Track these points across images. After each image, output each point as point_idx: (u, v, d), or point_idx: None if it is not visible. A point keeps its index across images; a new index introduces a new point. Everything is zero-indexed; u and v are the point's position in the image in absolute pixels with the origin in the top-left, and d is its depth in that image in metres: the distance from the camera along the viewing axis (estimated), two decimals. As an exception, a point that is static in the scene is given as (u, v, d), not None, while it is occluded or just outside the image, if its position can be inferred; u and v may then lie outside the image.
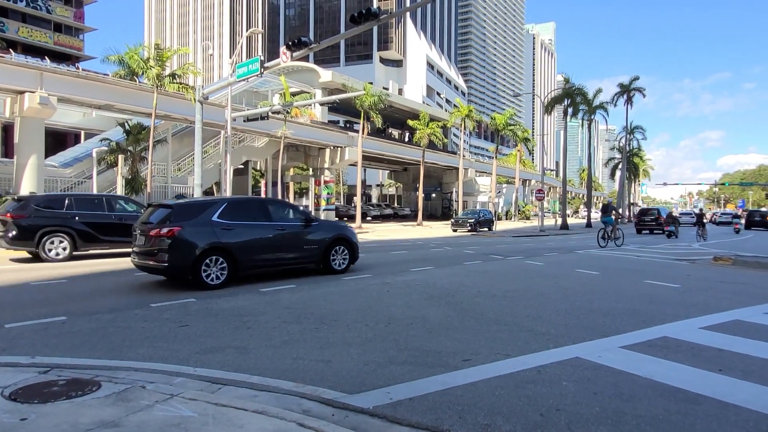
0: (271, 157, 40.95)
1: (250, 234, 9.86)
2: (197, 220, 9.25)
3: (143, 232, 9.16)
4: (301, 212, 11.63)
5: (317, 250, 10.97)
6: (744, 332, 6.09)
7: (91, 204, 14.74)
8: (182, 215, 9.25)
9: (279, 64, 18.95)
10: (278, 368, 4.63)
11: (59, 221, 13.43)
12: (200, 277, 8.89)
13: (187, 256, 8.79)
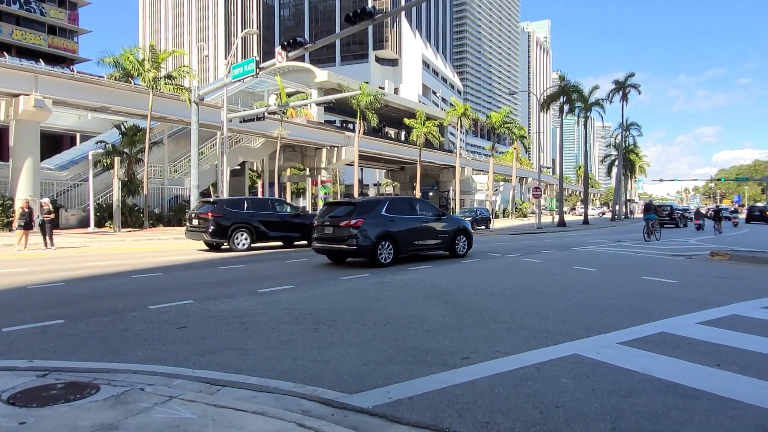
0: (267, 157, 40.93)
1: (407, 225, 12.78)
2: (373, 214, 12.18)
3: (332, 224, 12.20)
4: (436, 209, 14.49)
5: (447, 238, 13.91)
6: (741, 327, 6.11)
7: (262, 205, 18.54)
8: (362, 210, 12.21)
9: (275, 64, 18.93)
10: (277, 369, 4.63)
11: (243, 219, 16.84)
12: (377, 257, 11.98)
13: (369, 240, 11.81)
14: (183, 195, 33.91)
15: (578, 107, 42.87)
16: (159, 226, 30.22)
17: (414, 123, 44.38)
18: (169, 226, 30.85)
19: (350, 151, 41.64)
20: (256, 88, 45.27)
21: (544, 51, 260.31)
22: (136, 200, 30.10)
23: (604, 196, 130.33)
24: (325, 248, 12.58)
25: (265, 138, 37.91)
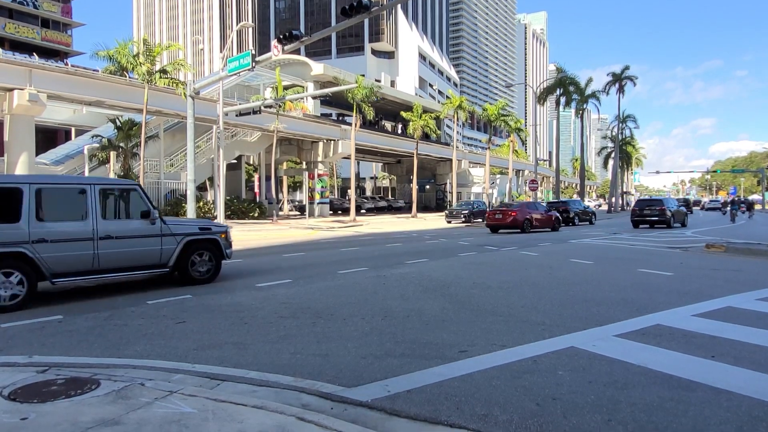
0: (264, 151, 40.83)
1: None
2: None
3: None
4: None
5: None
6: (736, 319, 6.17)
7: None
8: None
9: (270, 57, 18.83)
10: (276, 363, 4.66)
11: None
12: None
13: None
14: (179, 189, 33.81)
15: (575, 99, 42.89)
16: (156, 220, 30.12)
17: (410, 116, 44.28)
18: (166, 220, 30.74)
19: (347, 145, 41.54)
20: (252, 82, 45.04)
21: (541, 43, 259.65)
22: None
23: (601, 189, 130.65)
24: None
25: (262, 132, 37.79)
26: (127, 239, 8.30)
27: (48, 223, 7.50)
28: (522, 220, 23.54)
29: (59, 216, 7.74)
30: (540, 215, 25.16)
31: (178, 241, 8.94)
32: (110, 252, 8.02)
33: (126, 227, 8.40)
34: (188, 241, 9.09)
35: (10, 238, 7.10)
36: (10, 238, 7.10)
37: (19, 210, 7.19)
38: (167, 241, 8.78)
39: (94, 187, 8.00)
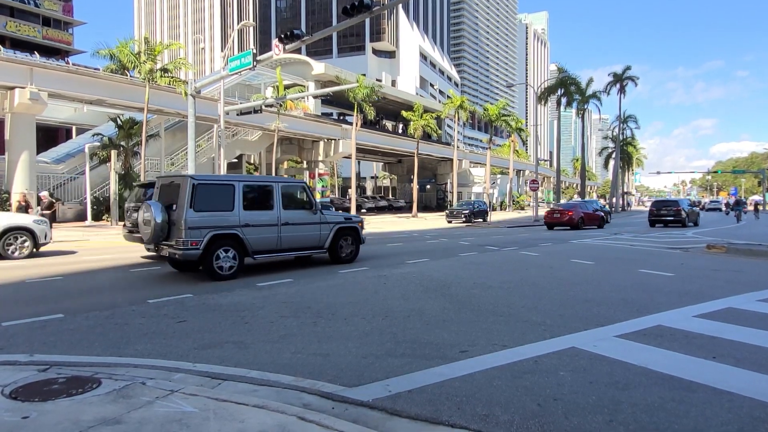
0: (264, 150, 40.86)
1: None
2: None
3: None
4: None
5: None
6: (737, 320, 6.16)
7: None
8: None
9: (271, 57, 18.83)
10: (277, 362, 4.66)
11: None
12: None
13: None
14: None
15: (576, 100, 42.88)
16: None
17: (411, 115, 44.28)
18: (167, 219, 30.78)
19: (347, 144, 41.55)
20: (253, 81, 45.08)
21: (542, 43, 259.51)
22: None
23: (601, 189, 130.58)
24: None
25: (263, 131, 37.81)
26: (298, 225, 10.75)
27: (250, 212, 9.92)
28: (577, 219, 26.35)
29: (257, 206, 10.16)
30: (589, 214, 27.97)
31: (331, 228, 11.45)
32: (288, 235, 10.51)
33: (297, 216, 10.74)
34: (338, 228, 11.60)
35: (228, 222, 9.59)
36: (228, 222, 9.59)
37: (233, 202, 9.68)
38: (324, 227, 11.30)
39: (278, 185, 10.58)
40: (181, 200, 9.34)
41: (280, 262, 11.91)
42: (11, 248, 12.76)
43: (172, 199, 9.60)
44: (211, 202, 9.58)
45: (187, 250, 9.13)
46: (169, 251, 9.47)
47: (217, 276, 9.34)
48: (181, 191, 9.43)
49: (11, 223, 13.03)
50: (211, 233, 9.34)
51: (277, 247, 10.40)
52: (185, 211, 9.17)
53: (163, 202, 9.71)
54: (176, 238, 9.27)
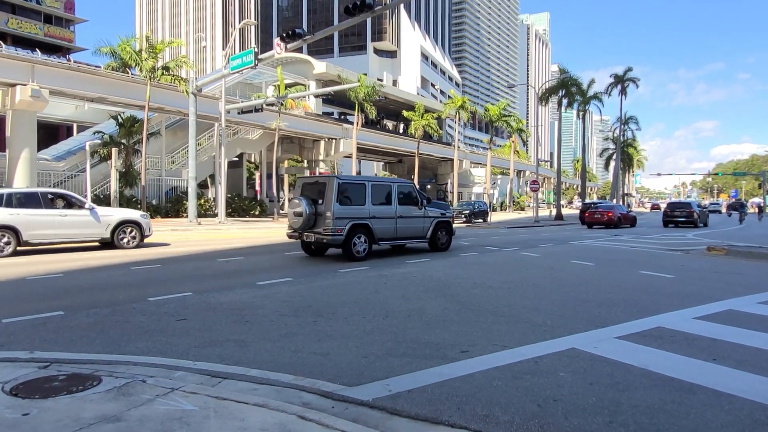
0: (265, 149, 40.84)
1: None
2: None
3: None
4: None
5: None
6: (737, 322, 6.16)
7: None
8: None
9: (273, 55, 18.86)
10: (277, 361, 4.66)
11: None
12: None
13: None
14: (181, 186, 33.84)
15: (577, 101, 42.84)
16: (156, 217, 30.18)
17: (412, 115, 44.25)
18: (167, 217, 30.81)
19: (348, 144, 41.54)
20: (254, 80, 45.06)
21: (543, 44, 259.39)
22: (133, 191, 30.05)
23: (602, 190, 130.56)
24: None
25: (263, 130, 37.80)
26: (409, 218, 13.36)
27: (376, 207, 12.57)
28: (615, 219, 29.12)
29: (381, 202, 12.80)
30: (624, 214, 31.25)
31: (431, 221, 13.99)
32: (401, 226, 13.18)
33: (408, 211, 13.37)
34: (437, 222, 14.16)
35: (362, 215, 12.23)
36: (362, 215, 12.22)
37: (365, 198, 12.38)
38: (426, 221, 13.82)
39: (395, 185, 13.41)
40: (327, 196, 11.74)
41: (278, 263, 11.91)
42: (124, 239, 14.67)
43: (315, 196, 12.10)
44: (350, 198, 12.17)
45: (334, 236, 11.61)
46: (316, 237, 11.91)
47: (354, 258, 11.93)
48: (327, 189, 11.84)
49: (124, 216, 15.09)
50: (351, 223, 11.89)
51: (394, 235, 13.07)
52: (333, 205, 11.61)
53: (306, 198, 12.11)
54: (323, 226, 11.71)
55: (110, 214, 15.08)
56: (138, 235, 14.84)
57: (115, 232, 14.41)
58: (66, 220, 13.79)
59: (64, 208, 14.03)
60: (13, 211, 12.99)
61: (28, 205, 13.35)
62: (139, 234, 14.87)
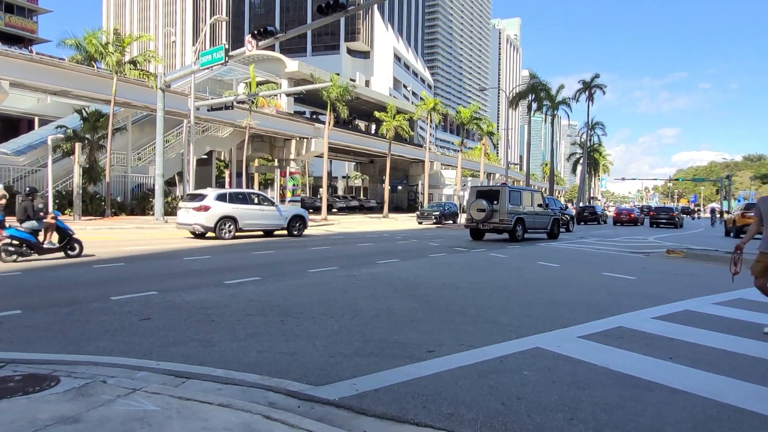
0: (235, 147, 40.32)
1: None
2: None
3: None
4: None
5: None
6: (693, 322, 6.38)
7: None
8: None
9: (244, 52, 18.64)
10: (243, 361, 4.61)
11: None
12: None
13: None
14: (147, 184, 33.12)
15: (546, 105, 43.67)
16: (121, 214, 29.48)
17: (384, 116, 44.36)
18: (132, 214, 30.12)
19: (320, 143, 41.32)
20: (225, 77, 44.45)
21: (515, 49, 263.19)
22: (97, 188, 29.26)
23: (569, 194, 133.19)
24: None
25: (233, 127, 37.30)
26: (539, 215, 20.28)
27: (526, 207, 19.55)
28: (636, 218, 38.97)
29: (527, 203, 19.75)
30: (637, 215, 40.38)
31: (550, 217, 21.20)
32: (535, 220, 20.03)
33: (540, 210, 20.49)
34: (554, 219, 21.49)
35: (518, 211, 18.97)
36: (519, 211, 18.97)
37: (520, 200, 19.30)
38: (547, 217, 20.95)
39: (534, 193, 20.93)
40: (502, 199, 18.53)
41: (246, 262, 11.78)
42: (223, 231, 17.21)
43: (489, 198, 18.92)
44: (513, 200, 18.87)
45: (507, 225, 18.57)
46: (493, 225, 18.87)
47: (516, 239, 18.85)
48: (501, 194, 18.71)
49: (297, 212, 19.92)
50: (515, 216, 18.74)
51: (534, 226, 20.09)
52: (506, 205, 18.43)
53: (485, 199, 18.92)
54: (500, 218, 18.52)
55: (287, 210, 20.19)
56: (234, 229, 17.68)
57: (290, 223, 19.22)
58: (263, 213, 18.72)
59: (260, 204, 18.81)
60: (233, 205, 17.68)
61: (241, 201, 18.12)
62: (235, 227, 17.71)
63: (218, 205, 17.23)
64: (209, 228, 17.02)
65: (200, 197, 17.51)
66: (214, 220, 16.98)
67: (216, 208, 17.12)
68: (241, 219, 17.59)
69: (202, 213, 16.90)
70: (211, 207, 17.01)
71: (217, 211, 17.12)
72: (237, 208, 17.63)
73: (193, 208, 17.09)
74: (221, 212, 17.20)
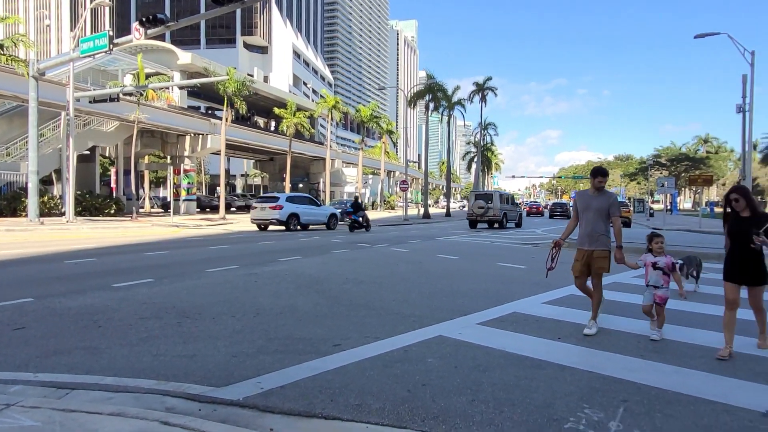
0: (122, 143, 37.53)
1: None
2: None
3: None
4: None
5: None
6: (577, 305, 6.93)
7: None
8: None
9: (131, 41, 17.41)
10: (136, 367, 4.31)
11: None
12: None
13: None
14: (19, 182, 29.89)
15: (443, 105, 45.21)
16: (-13, 216, 26.34)
17: (284, 113, 43.56)
18: (2, 216, 27.03)
19: (216, 140, 39.63)
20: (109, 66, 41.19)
21: (412, 50, 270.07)
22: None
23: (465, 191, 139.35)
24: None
25: (120, 122, 34.69)
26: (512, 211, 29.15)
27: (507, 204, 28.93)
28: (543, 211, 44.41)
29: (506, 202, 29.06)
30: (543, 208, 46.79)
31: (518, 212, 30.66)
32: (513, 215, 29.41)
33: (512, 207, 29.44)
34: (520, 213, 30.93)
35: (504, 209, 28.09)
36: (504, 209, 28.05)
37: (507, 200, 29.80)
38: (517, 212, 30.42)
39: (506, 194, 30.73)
40: (495, 200, 26.79)
41: (138, 264, 11.05)
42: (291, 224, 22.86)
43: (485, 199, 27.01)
44: (503, 200, 27.43)
45: (497, 217, 26.58)
46: (488, 218, 26.73)
47: (504, 227, 26.56)
48: (494, 196, 27.37)
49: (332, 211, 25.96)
50: (503, 211, 27.05)
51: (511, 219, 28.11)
52: (498, 203, 26.71)
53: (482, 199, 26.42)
54: (494, 213, 26.58)
55: (327, 209, 26.03)
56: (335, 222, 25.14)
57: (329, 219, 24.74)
58: (314, 212, 24.20)
59: (311, 205, 24.39)
60: (296, 205, 23.03)
61: (301, 203, 23.61)
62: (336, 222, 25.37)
63: (288, 205, 22.46)
64: (282, 222, 22.11)
65: (273, 199, 23.17)
66: (286, 216, 22.11)
67: (287, 207, 22.26)
68: (302, 216, 22.99)
69: (278, 210, 21.97)
70: (284, 206, 22.14)
71: (287, 209, 22.26)
72: (299, 208, 22.98)
73: (269, 206, 22.21)
74: (290, 210, 22.38)
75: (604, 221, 5.63)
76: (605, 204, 5.61)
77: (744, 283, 4.78)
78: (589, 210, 5.66)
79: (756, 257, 4.70)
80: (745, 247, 4.69)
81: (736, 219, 4.83)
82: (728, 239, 4.93)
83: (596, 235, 5.63)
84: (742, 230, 4.70)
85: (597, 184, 5.70)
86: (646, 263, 5.45)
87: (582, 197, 5.87)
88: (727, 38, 24.02)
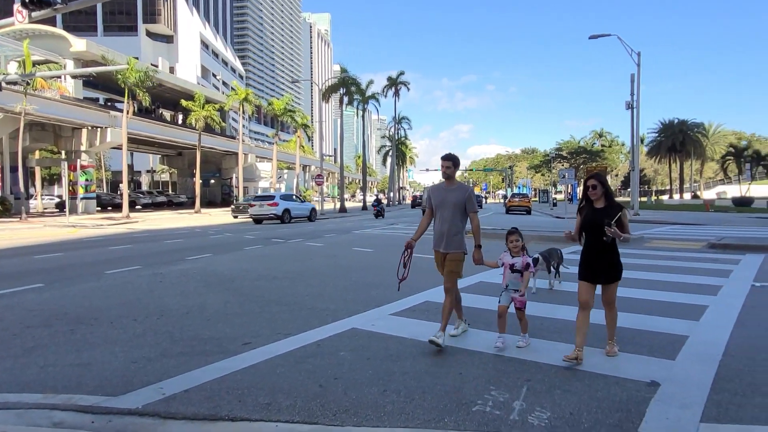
0: (7, 136, 34.17)
1: None
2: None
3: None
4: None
5: None
6: (485, 291, 7.23)
7: None
8: None
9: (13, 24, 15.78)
10: (20, 381, 3.93)
11: None
12: None
13: None
14: None
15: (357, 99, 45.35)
16: None
17: (192, 105, 41.64)
18: None
19: (117, 133, 37.13)
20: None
21: (326, 43, 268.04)
22: None
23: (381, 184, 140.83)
24: None
25: (4, 113, 31.57)
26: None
27: None
28: None
29: None
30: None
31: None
32: None
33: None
34: None
35: None
36: None
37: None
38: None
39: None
40: None
41: (25, 267, 10.11)
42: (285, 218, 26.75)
43: None
44: None
45: None
46: None
47: None
48: None
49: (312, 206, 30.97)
50: None
51: None
52: None
53: None
54: None
55: (307, 205, 31.21)
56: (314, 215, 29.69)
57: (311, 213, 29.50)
58: (300, 207, 29.36)
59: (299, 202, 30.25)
60: (287, 202, 27.63)
61: (291, 200, 28.77)
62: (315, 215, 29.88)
63: (282, 202, 26.94)
64: (279, 216, 26.14)
65: (270, 198, 27.63)
66: (281, 211, 26.22)
67: (281, 204, 26.68)
68: (293, 210, 27.44)
69: (274, 207, 26.31)
70: (279, 203, 26.51)
71: (282, 206, 26.61)
72: (290, 204, 27.70)
73: (267, 204, 26.52)
74: (284, 206, 26.70)
75: (461, 218, 5.12)
76: (462, 199, 5.06)
77: (599, 282, 4.48)
78: (445, 206, 5.07)
79: (610, 250, 4.42)
80: (599, 240, 4.38)
81: (591, 210, 4.50)
82: (579, 232, 4.64)
83: (452, 235, 5.11)
84: (596, 223, 4.37)
85: (444, 170, 5.15)
86: (504, 264, 5.14)
87: (436, 191, 5.24)
88: (617, 39, 25.97)
